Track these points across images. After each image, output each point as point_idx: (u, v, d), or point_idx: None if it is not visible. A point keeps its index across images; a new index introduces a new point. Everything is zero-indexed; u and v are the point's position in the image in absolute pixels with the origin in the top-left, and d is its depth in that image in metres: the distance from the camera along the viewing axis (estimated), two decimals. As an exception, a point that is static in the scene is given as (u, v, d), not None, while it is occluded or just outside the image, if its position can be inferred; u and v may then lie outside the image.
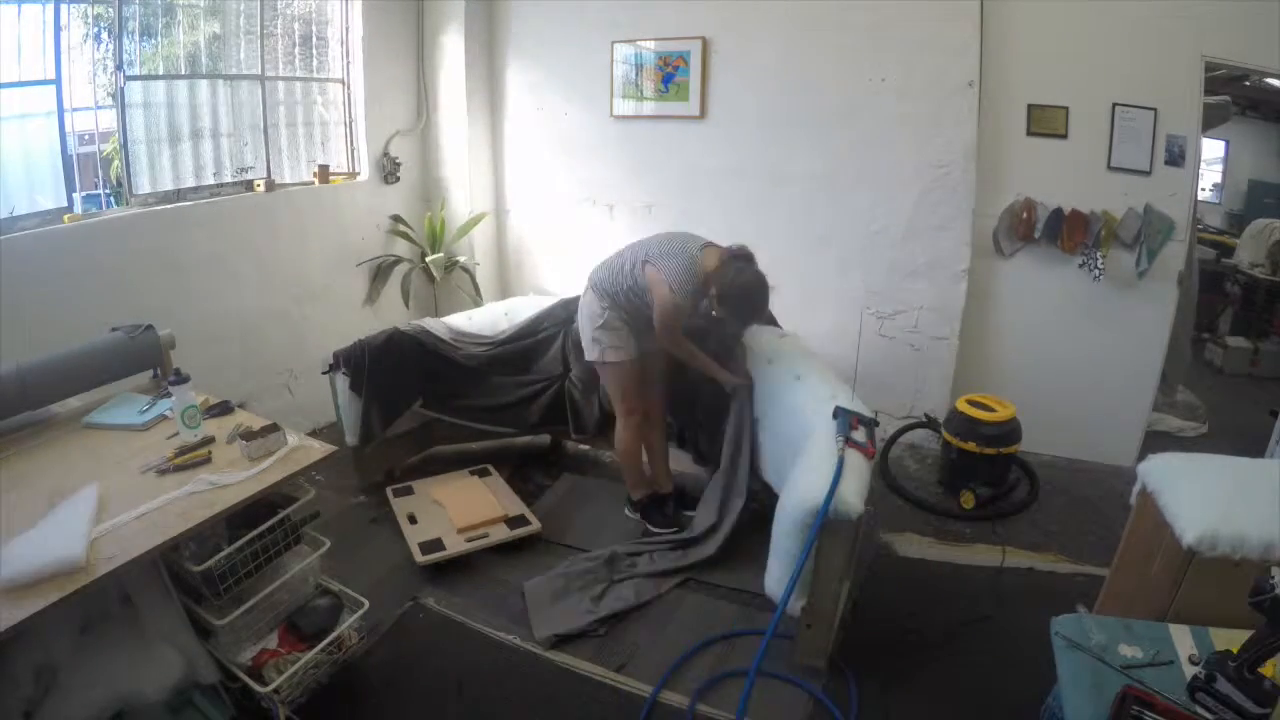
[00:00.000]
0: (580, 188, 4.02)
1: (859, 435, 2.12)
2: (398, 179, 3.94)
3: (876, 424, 2.22)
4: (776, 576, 2.08)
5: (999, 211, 3.25)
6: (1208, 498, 1.58)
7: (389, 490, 2.95)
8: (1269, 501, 1.54)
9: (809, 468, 2.05)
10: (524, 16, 3.92)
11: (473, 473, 3.05)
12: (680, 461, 3.07)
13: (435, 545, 2.56)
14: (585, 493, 3.09)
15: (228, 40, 3.18)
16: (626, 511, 2.89)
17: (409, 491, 2.94)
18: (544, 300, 3.34)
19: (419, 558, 2.50)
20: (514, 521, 2.70)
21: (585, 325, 2.61)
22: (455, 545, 2.57)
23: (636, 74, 3.69)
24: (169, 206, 2.98)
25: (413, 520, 2.74)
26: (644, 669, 2.12)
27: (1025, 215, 3.20)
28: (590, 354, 2.63)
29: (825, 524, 1.92)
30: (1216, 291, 5.29)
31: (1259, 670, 1.18)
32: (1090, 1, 2.97)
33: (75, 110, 2.65)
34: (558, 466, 3.29)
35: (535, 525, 2.68)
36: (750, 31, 3.41)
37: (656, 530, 2.75)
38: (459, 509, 2.75)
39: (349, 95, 3.77)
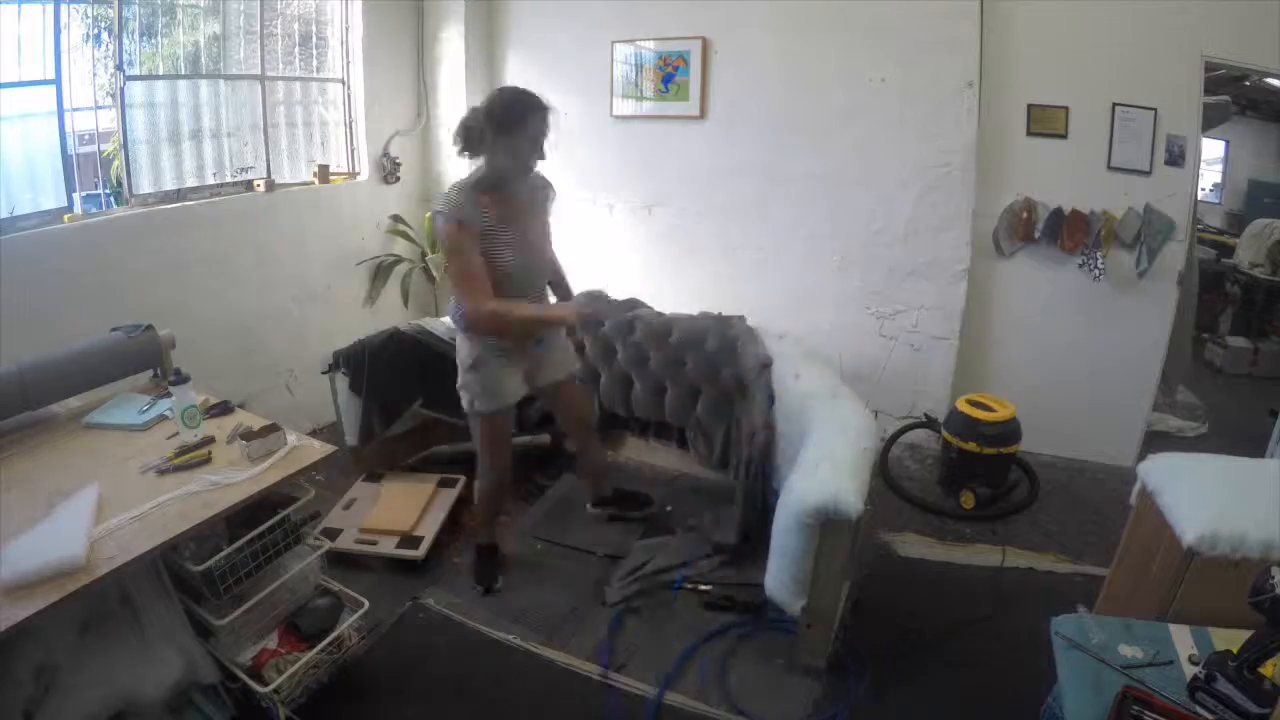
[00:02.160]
0: (580, 188, 4.01)
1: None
2: (398, 179, 3.94)
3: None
4: (776, 575, 2.08)
5: (999, 211, 3.25)
6: (1208, 497, 1.58)
7: (362, 475, 2.99)
8: (1268, 501, 1.54)
9: (808, 468, 2.05)
10: (524, 16, 3.92)
11: (442, 482, 2.96)
12: (685, 462, 3.08)
13: (333, 534, 2.55)
14: (585, 493, 3.09)
15: (228, 40, 3.17)
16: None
17: (376, 479, 2.99)
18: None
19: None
20: (406, 541, 2.59)
21: (460, 367, 2.24)
22: (345, 541, 2.57)
23: (636, 74, 3.69)
24: (169, 206, 2.98)
25: (347, 506, 2.79)
26: (644, 669, 2.12)
27: (1025, 215, 3.20)
28: (463, 403, 2.26)
29: (825, 524, 1.93)
30: (1216, 291, 5.28)
31: (1259, 670, 1.18)
32: (1090, 1, 2.97)
33: (75, 110, 2.65)
34: (557, 466, 3.29)
35: (418, 554, 2.54)
36: (750, 31, 3.40)
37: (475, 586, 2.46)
38: (379, 510, 2.74)
39: (349, 95, 3.77)
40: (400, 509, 2.74)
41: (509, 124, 2.00)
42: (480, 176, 2.08)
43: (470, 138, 2.03)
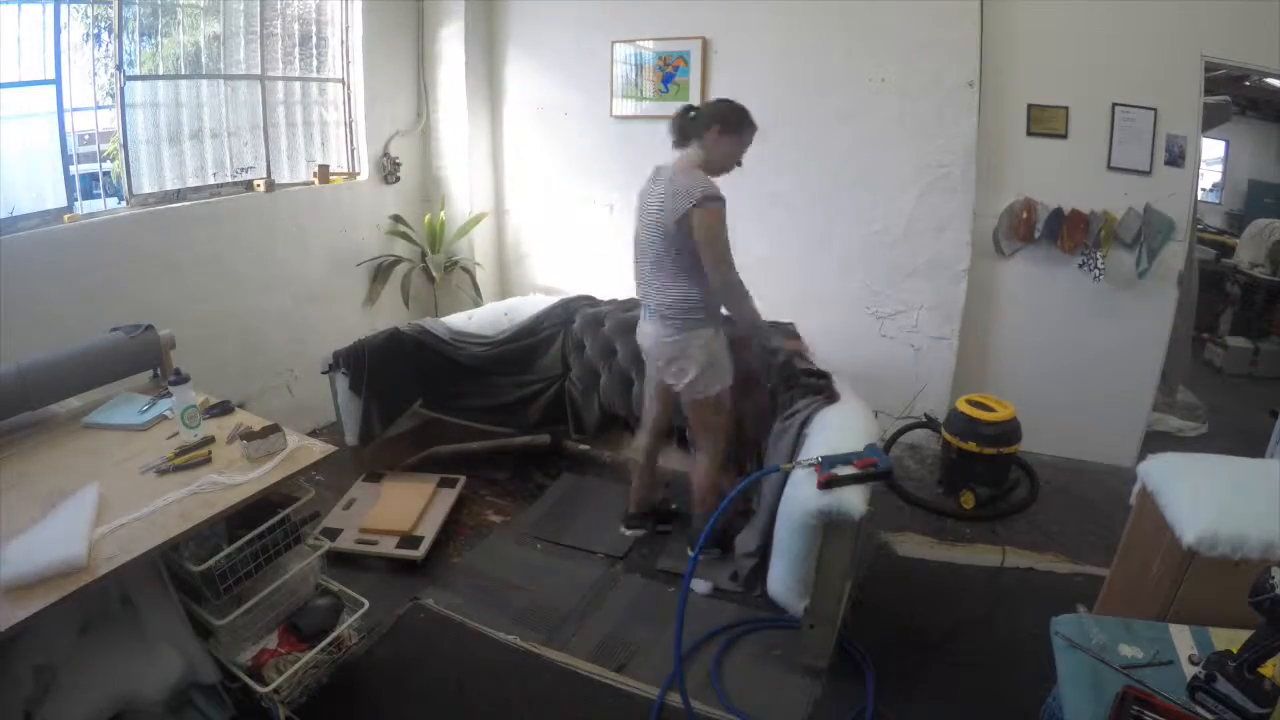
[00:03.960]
0: (580, 187, 4.02)
1: (845, 470, 1.98)
2: (398, 179, 3.94)
3: (889, 473, 2.05)
4: (779, 576, 2.08)
5: (999, 211, 3.25)
6: (1208, 498, 1.58)
7: (363, 476, 2.99)
8: (1269, 501, 1.53)
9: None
10: (524, 16, 3.92)
11: (443, 482, 2.96)
12: (685, 462, 3.07)
13: (333, 534, 2.55)
14: (585, 493, 3.09)
15: (228, 40, 3.17)
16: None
17: (376, 479, 2.99)
18: (544, 300, 3.34)
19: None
20: (406, 541, 2.60)
21: (692, 357, 2.27)
22: (345, 541, 2.57)
23: (636, 74, 3.69)
24: (169, 206, 2.98)
25: (347, 506, 2.80)
26: (644, 669, 2.12)
27: (1025, 215, 3.20)
28: (696, 390, 2.31)
29: (828, 525, 1.93)
30: (1216, 291, 5.28)
31: (1259, 670, 1.18)
32: (1090, 1, 2.97)
33: (75, 110, 2.65)
34: (558, 466, 3.29)
35: (418, 554, 2.54)
36: (750, 31, 3.41)
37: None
38: (380, 510, 2.75)
39: (349, 95, 3.77)
40: (400, 509, 2.74)
41: (736, 126, 2.27)
42: (702, 165, 2.26)
43: (691, 127, 2.26)
